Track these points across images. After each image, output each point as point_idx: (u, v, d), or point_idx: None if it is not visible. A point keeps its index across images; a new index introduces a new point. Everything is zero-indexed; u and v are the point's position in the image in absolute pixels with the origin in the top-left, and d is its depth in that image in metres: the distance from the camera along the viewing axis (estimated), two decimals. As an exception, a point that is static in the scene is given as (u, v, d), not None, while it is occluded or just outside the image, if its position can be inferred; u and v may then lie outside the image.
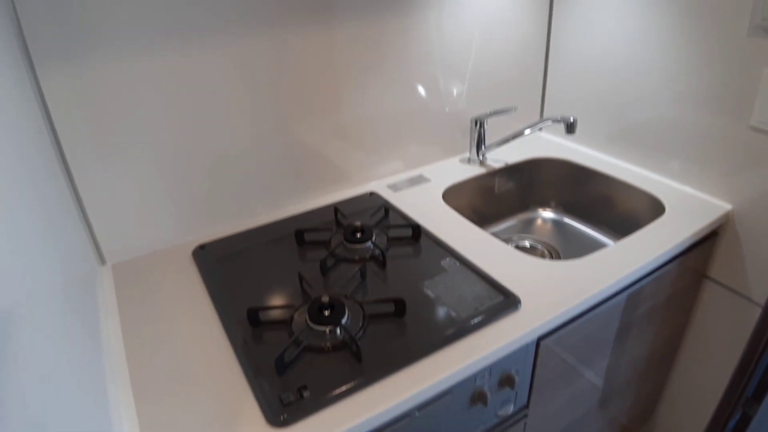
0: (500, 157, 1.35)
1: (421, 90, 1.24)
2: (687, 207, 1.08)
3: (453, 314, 0.79)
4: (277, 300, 0.86)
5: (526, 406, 0.91)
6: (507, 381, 0.81)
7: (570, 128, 1.14)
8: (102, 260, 0.99)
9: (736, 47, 0.99)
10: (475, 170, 1.29)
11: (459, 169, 1.30)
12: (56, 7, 0.78)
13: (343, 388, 0.67)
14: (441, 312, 0.80)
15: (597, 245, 1.26)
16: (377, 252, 0.96)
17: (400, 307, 0.79)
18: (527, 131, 1.24)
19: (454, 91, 1.29)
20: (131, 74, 0.88)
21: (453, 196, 1.23)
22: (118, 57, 0.86)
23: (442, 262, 0.92)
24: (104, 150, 0.91)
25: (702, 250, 1.09)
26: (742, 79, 1.00)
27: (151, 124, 0.93)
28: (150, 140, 0.94)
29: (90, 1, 0.81)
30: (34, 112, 0.75)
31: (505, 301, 0.81)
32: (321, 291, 0.87)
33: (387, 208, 1.10)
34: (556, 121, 1.16)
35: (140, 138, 0.93)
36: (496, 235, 1.27)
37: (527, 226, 1.35)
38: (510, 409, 0.86)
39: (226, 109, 1.00)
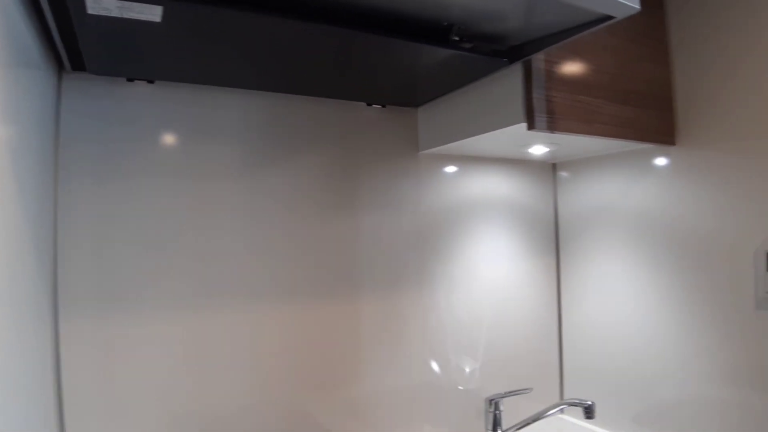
0: (520, 442, 1.26)
1: (435, 367, 1.24)
2: None
3: None
4: None
5: None
6: None
7: (588, 413, 1.08)
8: None
9: (747, 322, 1.01)
10: (494, 457, 1.19)
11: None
12: (96, 272, 0.88)
13: None
14: None
15: None
16: None
17: None
18: (546, 414, 1.18)
19: (467, 369, 1.29)
20: (147, 335, 0.93)
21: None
22: (139, 320, 0.92)
23: None
24: (104, 404, 0.89)
25: None
26: (761, 353, 0.98)
27: (155, 384, 0.93)
28: (151, 400, 0.93)
29: (127, 274, 0.91)
30: (44, 356, 0.77)
31: None
32: None
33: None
34: (572, 404, 1.11)
35: (142, 399, 0.92)
36: None
37: None
38: None
39: (234, 373, 1.00)
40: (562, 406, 1.14)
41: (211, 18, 0.70)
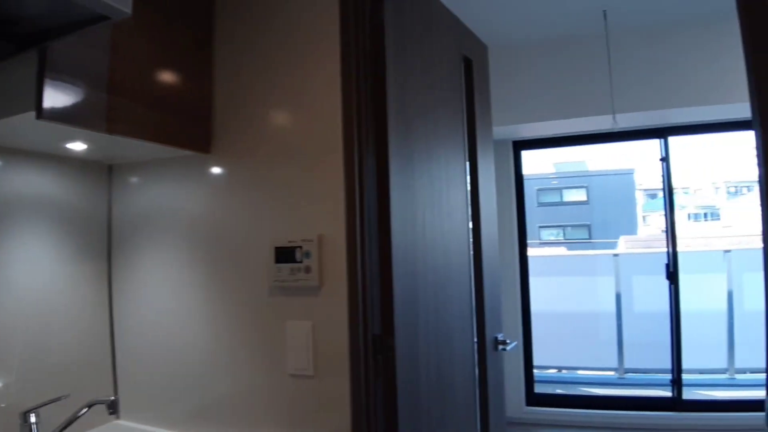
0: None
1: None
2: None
3: None
4: None
5: None
6: None
7: (112, 408, 1.09)
8: None
9: (262, 308, 1.19)
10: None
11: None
12: None
13: None
14: None
15: None
16: None
17: None
18: (78, 416, 1.14)
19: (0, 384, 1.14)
20: None
21: None
22: None
23: None
24: None
25: None
26: (273, 333, 1.17)
27: None
28: None
29: None
30: None
31: None
32: None
33: None
34: (97, 402, 1.10)
35: None
36: None
37: None
38: None
39: None
40: (86, 407, 1.12)
41: None
